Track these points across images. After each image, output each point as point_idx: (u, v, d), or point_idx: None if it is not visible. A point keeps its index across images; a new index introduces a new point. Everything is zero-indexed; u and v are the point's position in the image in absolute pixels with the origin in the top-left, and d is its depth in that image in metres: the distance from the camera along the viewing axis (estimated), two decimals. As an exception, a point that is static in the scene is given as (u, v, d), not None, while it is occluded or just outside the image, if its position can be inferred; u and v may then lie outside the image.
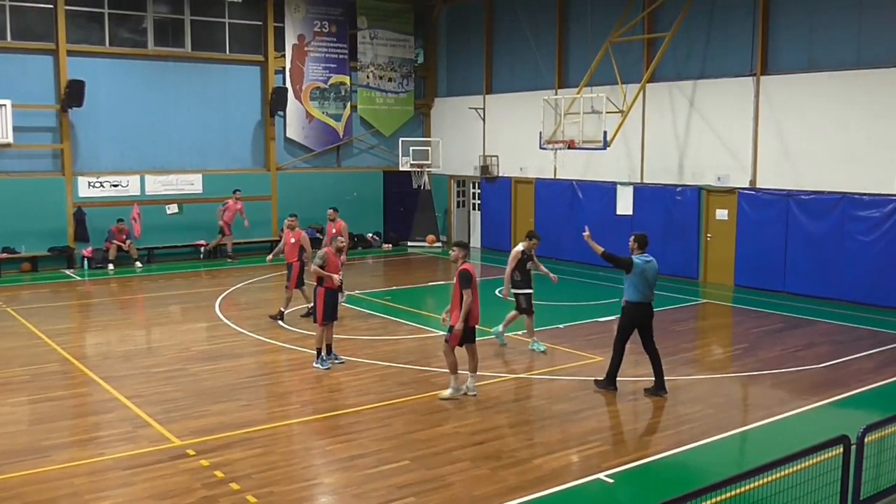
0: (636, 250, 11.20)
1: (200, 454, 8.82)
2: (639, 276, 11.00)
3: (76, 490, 7.96)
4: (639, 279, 11.01)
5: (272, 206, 25.30)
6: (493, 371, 12.26)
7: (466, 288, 10.42)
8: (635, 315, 11.17)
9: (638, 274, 10.99)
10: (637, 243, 11.23)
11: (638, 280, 11.01)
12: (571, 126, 19.69)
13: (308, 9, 25.35)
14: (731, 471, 6.17)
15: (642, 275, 11.01)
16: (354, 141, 26.95)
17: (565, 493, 7.95)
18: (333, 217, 16.56)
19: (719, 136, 19.67)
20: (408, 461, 8.67)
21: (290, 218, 16.05)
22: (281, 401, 10.97)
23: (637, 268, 10.98)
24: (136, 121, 22.98)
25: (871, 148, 16.93)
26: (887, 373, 12.18)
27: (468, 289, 10.43)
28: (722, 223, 19.79)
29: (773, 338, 14.36)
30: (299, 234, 15.73)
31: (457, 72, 27.48)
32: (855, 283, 17.24)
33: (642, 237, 11.30)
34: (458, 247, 10.88)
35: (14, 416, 10.20)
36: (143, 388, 11.27)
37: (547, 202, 23.92)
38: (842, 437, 6.49)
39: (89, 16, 22.29)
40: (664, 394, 10.98)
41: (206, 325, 15.45)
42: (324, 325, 12.27)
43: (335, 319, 12.50)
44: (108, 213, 22.22)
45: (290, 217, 16.09)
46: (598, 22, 21.77)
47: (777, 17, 18.58)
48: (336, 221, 16.45)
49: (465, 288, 10.42)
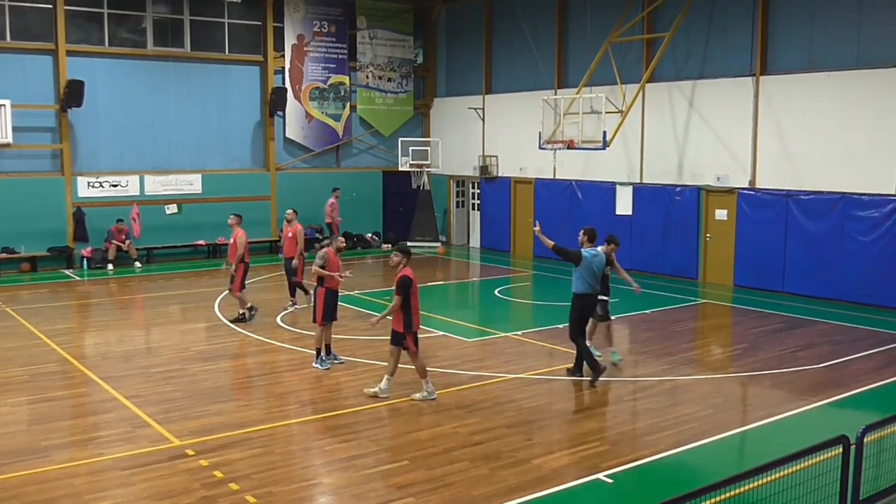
0: (585, 244, 11.81)
1: (200, 454, 8.82)
2: (586, 268, 11.57)
3: (76, 490, 7.95)
4: (586, 272, 11.58)
5: (272, 207, 25.29)
6: (493, 371, 12.26)
7: (399, 293, 10.47)
8: (584, 305, 11.69)
9: (586, 267, 11.57)
10: (587, 237, 11.89)
11: (586, 273, 11.58)
12: (571, 126, 19.68)
13: (307, 9, 25.35)
14: (730, 471, 6.17)
15: (590, 267, 11.58)
16: (354, 141, 26.95)
17: (565, 494, 7.95)
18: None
19: (719, 137, 19.68)
20: (407, 461, 8.67)
21: (289, 212, 16.02)
22: (280, 401, 10.96)
23: (585, 261, 11.57)
24: (136, 121, 22.98)
25: (871, 148, 16.93)
26: (887, 373, 12.18)
27: (400, 295, 10.47)
28: (721, 223, 19.79)
29: (773, 338, 14.36)
30: (297, 228, 15.71)
31: (456, 72, 27.49)
32: (854, 284, 17.24)
33: (591, 231, 11.97)
34: (400, 252, 10.82)
35: (13, 416, 10.19)
36: (142, 389, 11.26)
37: (546, 202, 23.91)
38: (841, 437, 6.49)
39: (89, 16, 22.29)
40: (579, 375, 11.64)
41: (206, 326, 15.44)
42: (323, 325, 12.27)
43: (334, 319, 12.50)
44: (107, 213, 22.22)
45: (289, 211, 16.07)
46: (597, 22, 21.77)
47: (777, 17, 18.59)
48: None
49: (398, 293, 10.48)
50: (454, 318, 15.80)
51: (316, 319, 12.32)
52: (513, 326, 14.56)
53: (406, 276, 10.51)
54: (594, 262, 11.59)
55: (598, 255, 11.71)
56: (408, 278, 10.50)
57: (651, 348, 13.73)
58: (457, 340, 14.11)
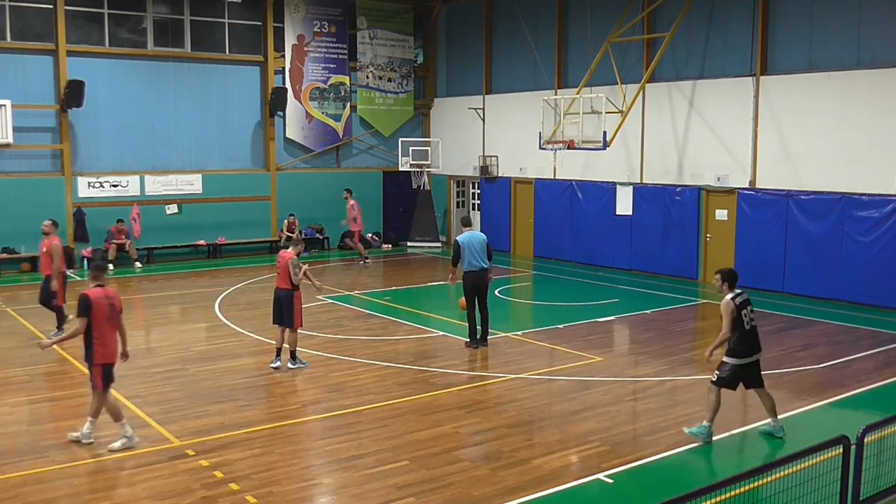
0: (463, 230, 13.73)
1: (200, 454, 8.82)
2: (467, 251, 13.21)
3: (76, 490, 7.96)
4: (467, 254, 13.22)
5: (272, 207, 25.28)
6: (492, 371, 12.27)
7: (80, 315, 8.83)
8: (473, 281, 13.32)
9: (466, 250, 13.22)
10: (462, 224, 13.98)
11: (467, 254, 13.23)
12: (571, 126, 19.69)
13: (308, 9, 25.35)
14: (731, 471, 6.18)
15: (469, 248, 13.23)
16: (354, 141, 26.95)
17: (565, 494, 7.95)
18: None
19: (719, 137, 19.68)
20: (407, 461, 8.67)
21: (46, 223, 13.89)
22: (280, 401, 10.97)
23: (462, 245, 13.27)
24: (136, 121, 22.97)
25: (871, 148, 16.93)
26: (887, 373, 12.18)
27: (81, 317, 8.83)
28: (721, 223, 19.79)
29: (773, 338, 14.34)
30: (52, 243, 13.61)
31: (456, 72, 27.48)
32: (854, 284, 17.23)
33: (465, 218, 14.18)
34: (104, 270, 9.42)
35: (14, 416, 10.20)
36: (142, 389, 11.26)
37: (546, 202, 23.92)
38: (841, 437, 6.50)
39: (89, 16, 22.28)
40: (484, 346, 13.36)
41: (206, 326, 15.45)
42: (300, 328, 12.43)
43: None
44: (107, 213, 22.22)
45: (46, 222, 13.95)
46: (597, 22, 21.77)
47: (777, 17, 18.59)
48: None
49: (79, 315, 8.85)
50: (454, 318, 15.81)
51: (293, 324, 12.28)
52: (513, 326, 14.54)
53: (84, 296, 8.86)
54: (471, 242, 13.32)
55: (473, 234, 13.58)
56: (86, 297, 8.83)
57: (651, 348, 13.73)
58: (457, 340, 14.11)
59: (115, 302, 9.09)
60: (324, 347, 13.46)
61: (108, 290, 9.14)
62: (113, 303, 9.06)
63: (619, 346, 14.42)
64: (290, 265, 12.13)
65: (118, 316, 9.09)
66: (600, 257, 22.33)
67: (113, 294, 9.16)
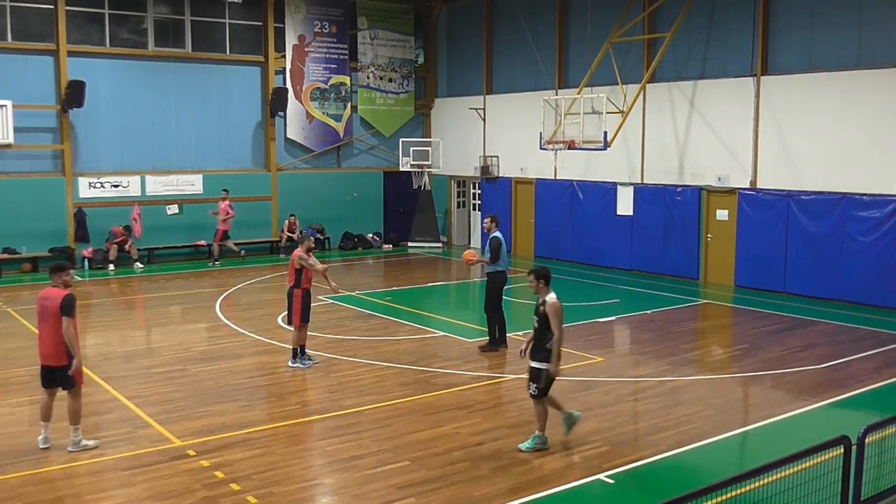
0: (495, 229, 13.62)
1: (201, 455, 8.83)
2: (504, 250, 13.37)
3: (76, 490, 7.96)
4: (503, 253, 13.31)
5: (272, 207, 25.29)
6: (493, 371, 12.27)
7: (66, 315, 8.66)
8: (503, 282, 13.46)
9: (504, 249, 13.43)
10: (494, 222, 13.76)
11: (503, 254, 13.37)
12: (572, 126, 19.69)
13: (308, 9, 25.35)
14: (731, 471, 6.18)
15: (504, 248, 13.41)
16: (355, 141, 26.95)
17: (565, 494, 7.95)
18: None
19: (719, 137, 19.67)
20: (408, 462, 8.67)
21: None
22: (281, 401, 10.97)
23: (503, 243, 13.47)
24: (137, 121, 22.98)
25: (872, 148, 16.92)
26: (888, 373, 12.17)
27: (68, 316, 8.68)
28: (722, 223, 19.79)
29: (774, 338, 14.35)
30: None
31: (457, 72, 27.48)
32: (855, 284, 17.23)
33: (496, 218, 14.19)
34: (56, 272, 9.01)
35: (14, 416, 10.20)
36: (143, 389, 11.27)
37: (547, 202, 23.92)
38: (842, 437, 6.49)
39: (90, 16, 22.30)
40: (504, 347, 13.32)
41: (207, 326, 15.45)
42: (301, 327, 12.39)
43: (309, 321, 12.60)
44: (108, 213, 22.22)
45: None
46: (598, 22, 21.77)
47: (777, 17, 18.58)
48: None
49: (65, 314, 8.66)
50: (455, 318, 15.81)
51: (293, 322, 12.36)
52: (513, 327, 14.52)
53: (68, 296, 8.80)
54: None
55: None
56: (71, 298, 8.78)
57: (652, 349, 13.73)
58: (457, 340, 14.12)
59: (47, 304, 8.79)
60: (324, 348, 13.46)
61: (53, 292, 8.83)
62: (46, 304, 8.81)
63: (619, 347, 14.42)
64: (296, 260, 12.31)
65: (50, 319, 8.75)
66: (601, 257, 22.33)
67: (54, 295, 8.78)
